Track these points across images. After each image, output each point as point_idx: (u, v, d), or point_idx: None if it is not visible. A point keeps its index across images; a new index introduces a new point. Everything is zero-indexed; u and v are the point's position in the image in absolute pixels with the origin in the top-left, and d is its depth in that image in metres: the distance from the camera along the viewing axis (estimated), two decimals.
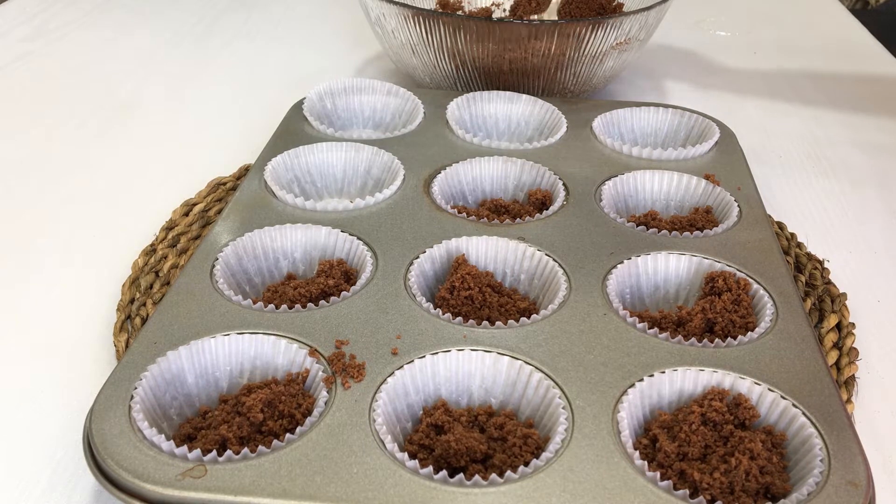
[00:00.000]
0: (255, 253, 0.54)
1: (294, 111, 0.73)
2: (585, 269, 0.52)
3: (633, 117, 0.73)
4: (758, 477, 0.39)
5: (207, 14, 1.12)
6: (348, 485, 0.37)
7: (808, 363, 0.45)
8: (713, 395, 0.43)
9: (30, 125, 0.81)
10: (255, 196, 0.60)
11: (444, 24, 0.74)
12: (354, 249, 0.54)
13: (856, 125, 0.84)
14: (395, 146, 0.67)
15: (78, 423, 0.45)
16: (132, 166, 0.74)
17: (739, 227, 0.57)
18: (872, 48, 1.05)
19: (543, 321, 0.48)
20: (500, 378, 0.45)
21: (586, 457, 0.39)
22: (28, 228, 0.65)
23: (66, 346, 0.52)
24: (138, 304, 0.55)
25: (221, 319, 0.47)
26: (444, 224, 0.57)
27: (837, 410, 0.42)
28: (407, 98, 0.74)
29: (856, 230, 0.66)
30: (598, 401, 0.42)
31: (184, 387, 0.44)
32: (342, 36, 1.05)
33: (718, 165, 0.66)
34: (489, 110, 0.74)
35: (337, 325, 0.47)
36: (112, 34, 1.05)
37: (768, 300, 0.50)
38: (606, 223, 0.58)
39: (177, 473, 0.37)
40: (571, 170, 0.64)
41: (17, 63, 0.95)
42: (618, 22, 0.74)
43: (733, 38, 1.07)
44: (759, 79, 0.95)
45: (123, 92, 0.89)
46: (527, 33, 0.72)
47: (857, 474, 0.38)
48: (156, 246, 0.61)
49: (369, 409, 0.41)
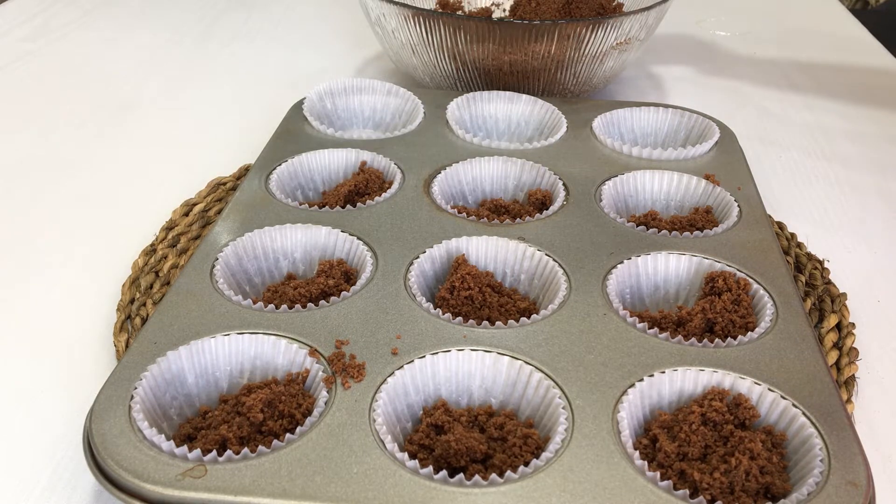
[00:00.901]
0: (255, 253, 0.54)
1: (294, 111, 0.73)
2: (585, 269, 0.52)
3: (633, 117, 0.73)
4: (758, 477, 0.39)
5: (207, 14, 1.12)
6: (348, 485, 0.37)
7: (808, 363, 0.45)
8: (713, 395, 0.43)
9: (30, 125, 0.81)
10: (255, 196, 0.60)
11: (444, 24, 0.74)
12: (354, 249, 0.54)
13: (856, 125, 0.84)
14: (395, 146, 0.67)
15: (78, 423, 0.45)
16: (132, 166, 0.74)
17: (739, 227, 0.57)
18: (872, 48, 1.05)
19: (543, 321, 0.48)
20: (500, 378, 0.45)
21: (586, 457, 0.39)
22: (28, 228, 0.65)
23: (66, 346, 0.52)
24: (138, 304, 0.55)
25: (221, 319, 0.47)
26: (444, 224, 0.57)
27: (837, 410, 0.42)
28: (407, 98, 0.74)
29: (856, 230, 0.66)
30: (598, 401, 0.42)
31: (184, 387, 0.44)
32: (342, 36, 1.05)
33: (718, 165, 0.65)
34: (489, 110, 0.74)
35: (337, 325, 0.47)
36: (112, 34, 1.05)
37: (768, 300, 0.50)
38: (606, 223, 0.58)
39: (177, 473, 0.37)
40: (571, 170, 0.64)
41: (17, 63, 0.95)
42: (618, 22, 0.74)
43: (733, 38, 1.07)
44: (759, 79, 0.95)
45: (123, 92, 0.89)
46: (527, 33, 0.72)
47: (857, 474, 0.38)
48: (156, 246, 0.61)
49: (369, 409, 0.41)
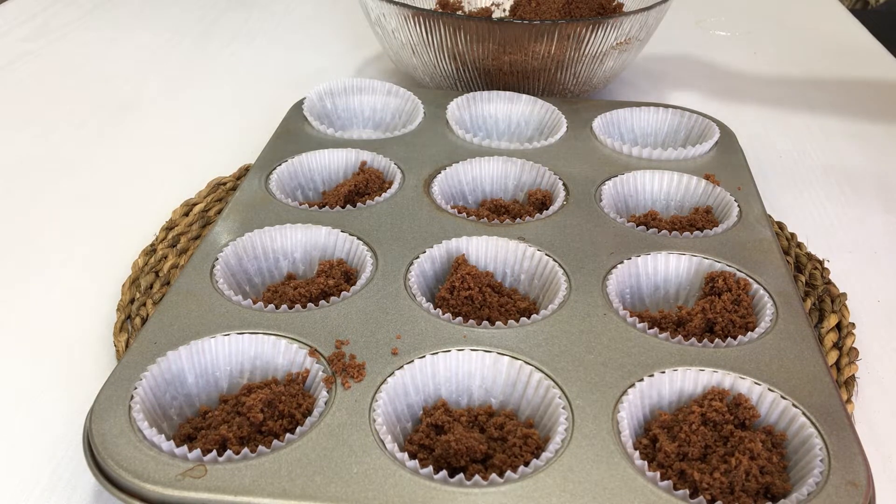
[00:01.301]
0: (255, 253, 0.54)
1: (294, 111, 0.73)
2: (585, 269, 0.52)
3: (633, 117, 0.73)
4: (758, 477, 0.39)
5: (207, 14, 1.12)
6: (348, 485, 0.37)
7: (808, 363, 0.45)
8: (713, 395, 0.43)
9: (30, 125, 0.81)
10: (255, 196, 0.60)
11: (444, 24, 0.74)
12: (354, 249, 0.54)
13: (856, 125, 0.84)
14: (395, 146, 0.67)
15: (78, 423, 0.45)
16: (132, 166, 0.74)
17: (739, 227, 0.57)
18: (872, 48, 1.05)
19: (543, 321, 0.48)
20: (500, 378, 0.45)
21: (586, 457, 0.39)
22: (28, 228, 0.65)
23: (66, 346, 0.52)
24: (138, 304, 0.55)
25: (221, 319, 0.47)
26: (444, 224, 0.57)
27: (837, 410, 0.42)
28: (407, 98, 0.74)
29: (856, 230, 0.66)
30: (598, 401, 0.42)
31: (184, 387, 0.44)
32: (342, 36, 1.05)
33: (718, 165, 0.65)
34: (489, 110, 0.74)
35: (337, 325, 0.47)
36: (112, 34, 1.05)
37: (768, 300, 0.50)
38: (606, 223, 0.58)
39: (177, 473, 0.37)
40: (571, 170, 0.64)
41: (17, 63, 0.95)
42: (618, 22, 0.74)
43: (733, 38, 1.07)
44: (759, 78, 0.95)
45: (123, 92, 0.89)
46: (527, 33, 0.72)
47: (857, 474, 0.38)
48: (156, 246, 0.61)
49: (369, 409, 0.41)
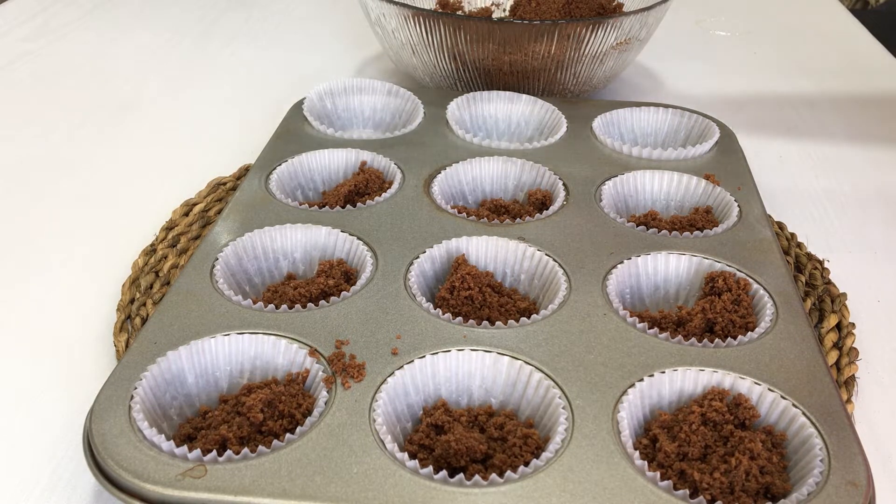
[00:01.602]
0: (255, 253, 0.54)
1: (294, 111, 0.73)
2: (585, 269, 0.52)
3: (633, 117, 0.73)
4: (758, 477, 0.39)
5: (207, 14, 1.12)
6: (348, 485, 0.37)
7: (808, 363, 0.45)
8: (713, 395, 0.43)
9: (30, 125, 0.81)
10: (255, 196, 0.60)
11: (444, 24, 0.74)
12: (354, 249, 0.54)
13: (856, 125, 0.84)
14: (395, 146, 0.67)
15: (78, 423, 0.45)
16: (132, 166, 0.74)
17: (739, 227, 0.57)
18: (872, 48, 1.05)
19: (543, 321, 0.48)
20: (500, 378, 0.45)
21: (586, 457, 0.39)
22: (28, 228, 0.65)
23: (66, 346, 0.52)
24: (138, 304, 0.55)
25: (221, 319, 0.47)
26: (444, 224, 0.57)
27: (837, 410, 0.42)
28: (407, 98, 0.74)
29: (856, 230, 0.66)
30: (598, 401, 0.42)
31: (184, 387, 0.44)
32: (342, 36, 1.05)
33: (718, 165, 0.65)
34: (489, 110, 0.74)
35: (337, 325, 0.47)
36: (112, 34, 1.05)
37: (768, 300, 0.50)
38: (606, 223, 0.58)
39: (177, 473, 0.37)
40: (571, 170, 0.64)
41: (17, 63, 0.95)
42: (618, 22, 0.74)
43: (733, 38, 1.07)
44: (759, 79, 0.95)
45: (123, 92, 0.89)
46: (527, 33, 0.72)
47: (857, 474, 0.38)
48: (156, 246, 0.61)
49: (369, 409, 0.41)
